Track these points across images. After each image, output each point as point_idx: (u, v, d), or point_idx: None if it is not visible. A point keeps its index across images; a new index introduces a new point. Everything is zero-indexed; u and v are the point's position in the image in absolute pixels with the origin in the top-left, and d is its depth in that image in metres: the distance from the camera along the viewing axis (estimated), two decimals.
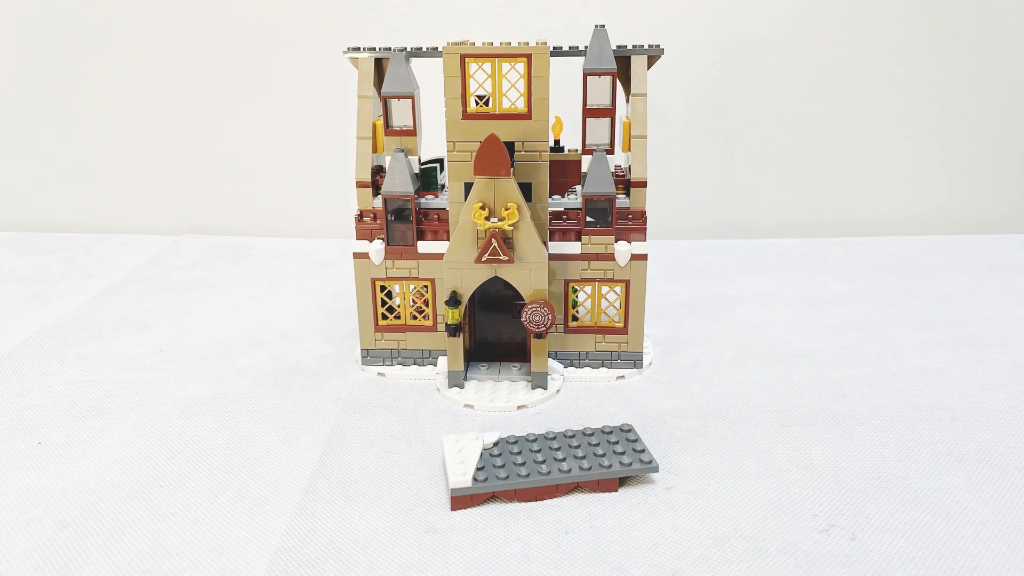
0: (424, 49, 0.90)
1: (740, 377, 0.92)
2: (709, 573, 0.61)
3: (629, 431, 0.76)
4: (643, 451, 0.73)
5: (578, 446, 0.74)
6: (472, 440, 0.73)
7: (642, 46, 0.90)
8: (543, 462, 0.71)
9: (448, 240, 0.87)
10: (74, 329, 1.07)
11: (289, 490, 0.72)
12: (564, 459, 0.72)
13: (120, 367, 0.96)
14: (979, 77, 1.45)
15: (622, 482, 0.72)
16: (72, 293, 1.21)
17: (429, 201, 0.90)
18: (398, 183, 0.87)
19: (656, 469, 0.72)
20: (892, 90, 1.45)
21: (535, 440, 0.75)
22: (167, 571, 0.62)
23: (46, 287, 1.24)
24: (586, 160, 0.88)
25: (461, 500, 0.68)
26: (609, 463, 0.71)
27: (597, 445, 0.74)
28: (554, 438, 0.75)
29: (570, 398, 0.87)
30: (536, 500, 0.69)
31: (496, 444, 0.74)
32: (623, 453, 0.72)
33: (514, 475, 0.70)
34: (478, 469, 0.70)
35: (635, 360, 0.93)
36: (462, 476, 0.68)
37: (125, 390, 0.90)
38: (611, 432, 0.76)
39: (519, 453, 0.73)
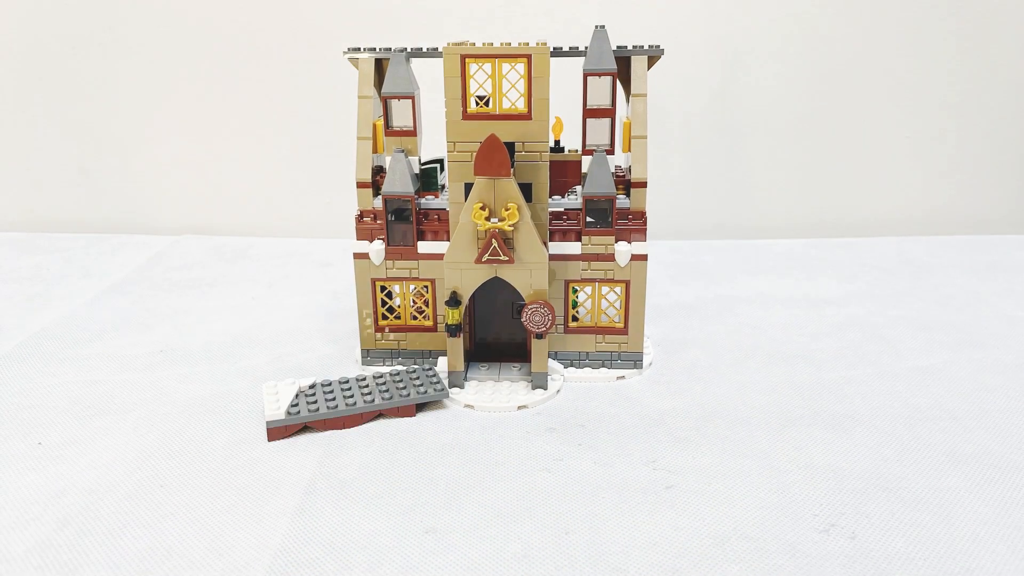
0: (424, 49, 0.90)
1: (740, 377, 0.92)
2: (709, 573, 0.61)
3: (429, 369, 0.87)
4: (438, 382, 0.84)
5: (384, 383, 0.85)
6: (288, 384, 0.83)
7: (642, 46, 0.89)
8: (350, 396, 0.82)
9: (448, 240, 0.87)
10: (74, 329, 1.07)
11: (289, 490, 0.72)
12: (369, 393, 0.83)
13: (120, 367, 0.96)
14: (980, 77, 1.45)
15: (422, 408, 0.84)
16: (72, 293, 1.21)
17: (429, 201, 0.90)
18: (398, 183, 0.87)
19: (447, 395, 0.83)
20: (893, 90, 1.45)
21: (346, 382, 0.85)
22: (167, 571, 0.62)
23: (46, 287, 1.24)
24: (586, 160, 0.88)
25: (276, 431, 0.78)
26: (407, 392, 0.82)
27: (399, 380, 0.85)
28: (364, 379, 0.85)
29: (570, 398, 0.87)
30: (344, 428, 0.80)
31: (311, 387, 0.84)
32: (420, 385, 0.84)
33: (323, 407, 0.80)
34: (292, 405, 0.80)
35: (635, 361, 0.92)
36: (276, 410, 0.79)
37: (125, 390, 0.90)
38: (414, 371, 0.87)
39: (330, 391, 0.83)
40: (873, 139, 1.48)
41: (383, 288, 0.92)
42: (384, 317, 0.93)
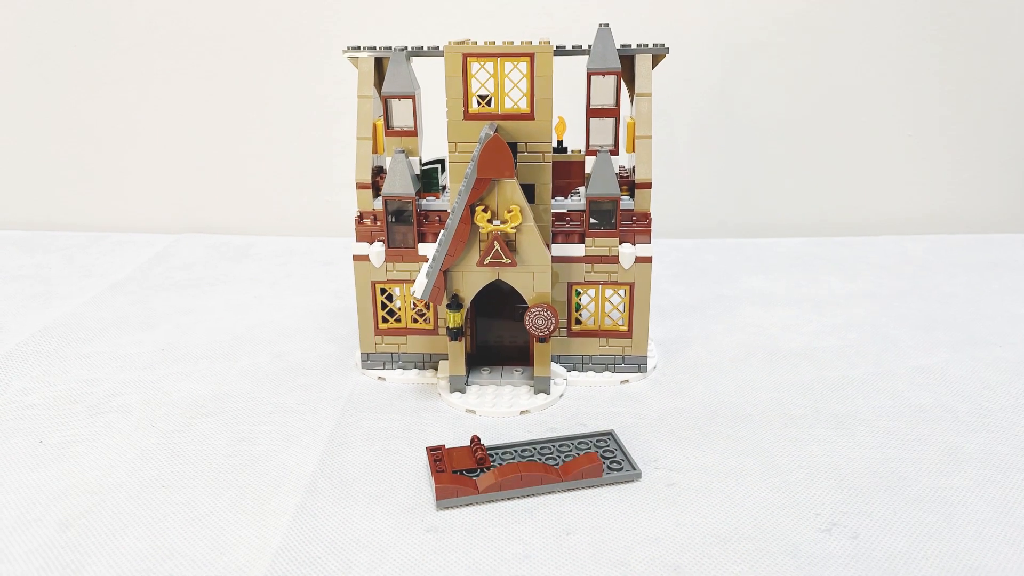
0: (425, 48, 0.90)
1: (742, 377, 0.92)
2: (711, 568, 0.61)
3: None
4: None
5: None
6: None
7: (646, 45, 0.89)
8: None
9: None
10: (75, 328, 1.07)
11: (290, 489, 0.72)
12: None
13: (121, 366, 0.96)
14: (982, 76, 1.44)
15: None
16: (73, 292, 1.21)
17: (430, 203, 0.90)
18: (399, 184, 0.87)
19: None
20: (895, 90, 1.45)
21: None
22: (168, 570, 0.62)
23: (47, 286, 1.24)
24: (590, 161, 0.88)
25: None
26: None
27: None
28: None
29: (573, 403, 0.87)
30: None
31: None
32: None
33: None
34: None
35: (639, 364, 0.92)
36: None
37: (126, 389, 0.90)
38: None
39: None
40: (874, 139, 1.48)
41: (383, 291, 0.92)
42: (384, 320, 0.93)
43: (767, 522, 0.67)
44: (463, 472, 0.72)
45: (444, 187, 0.94)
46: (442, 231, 0.82)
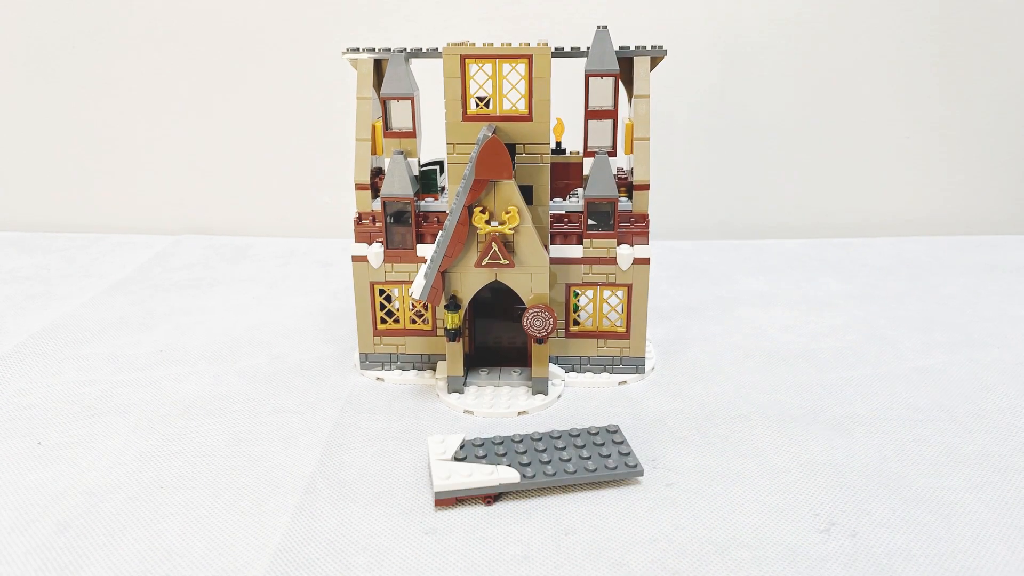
0: (424, 50, 0.90)
1: (740, 378, 0.92)
2: (708, 571, 0.61)
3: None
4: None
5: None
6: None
7: (645, 47, 0.89)
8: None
9: None
10: (74, 329, 1.07)
11: (289, 490, 0.72)
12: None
13: (120, 367, 0.96)
14: (980, 77, 1.45)
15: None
16: (72, 293, 1.21)
17: (429, 204, 0.90)
18: (397, 185, 0.87)
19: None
20: (893, 91, 1.45)
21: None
22: (167, 571, 0.62)
23: (46, 287, 1.24)
24: (588, 163, 0.88)
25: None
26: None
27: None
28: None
29: (571, 404, 0.87)
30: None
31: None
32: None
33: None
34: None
35: (637, 365, 0.92)
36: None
37: (125, 390, 0.90)
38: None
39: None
40: (873, 139, 1.48)
41: (382, 291, 0.92)
42: (383, 321, 0.93)
43: (765, 524, 0.67)
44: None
45: (443, 188, 0.94)
46: (440, 232, 0.82)
